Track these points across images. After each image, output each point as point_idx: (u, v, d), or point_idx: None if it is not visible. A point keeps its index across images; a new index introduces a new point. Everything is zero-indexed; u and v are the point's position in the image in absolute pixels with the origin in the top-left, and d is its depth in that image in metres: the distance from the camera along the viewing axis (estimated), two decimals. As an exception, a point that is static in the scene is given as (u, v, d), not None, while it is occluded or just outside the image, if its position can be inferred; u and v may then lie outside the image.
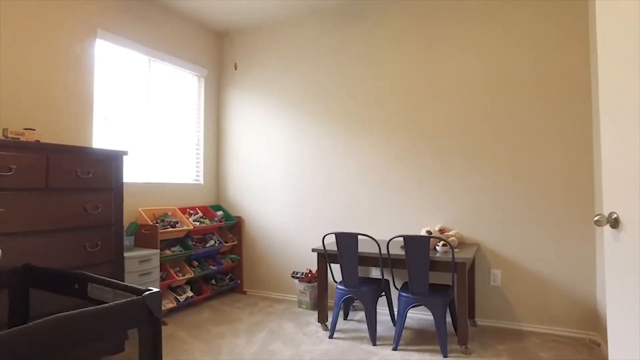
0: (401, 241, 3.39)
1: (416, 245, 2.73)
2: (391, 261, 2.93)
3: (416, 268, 2.75)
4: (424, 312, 3.54)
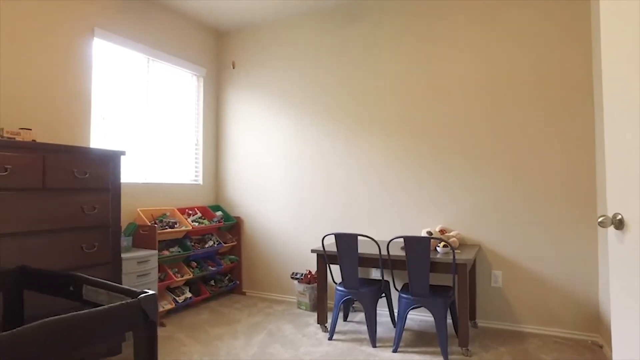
0: (401, 242, 3.37)
1: (417, 246, 2.70)
2: (391, 262, 2.91)
3: (416, 269, 2.72)
4: (425, 314, 3.52)
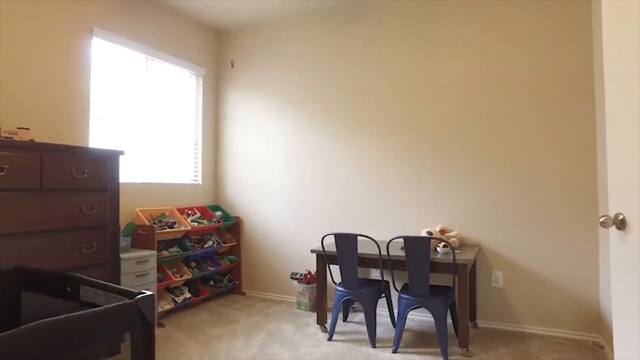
0: (401, 242, 3.35)
1: (417, 247, 2.69)
2: (391, 262, 2.89)
3: (416, 269, 2.71)
4: (425, 314, 3.50)
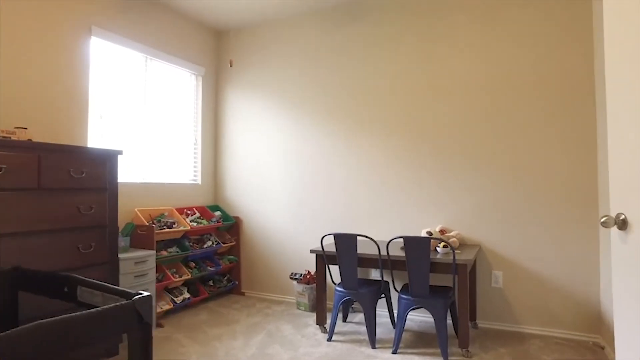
0: (401, 242, 3.34)
1: (416, 247, 2.68)
2: (391, 262, 2.88)
3: (416, 270, 2.70)
4: (424, 315, 3.49)
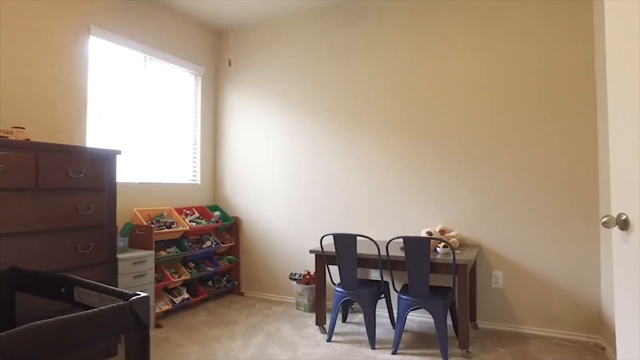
0: (401, 242, 3.33)
1: (416, 247, 2.66)
2: (391, 263, 2.87)
3: (416, 270, 2.69)
4: (424, 315, 3.48)
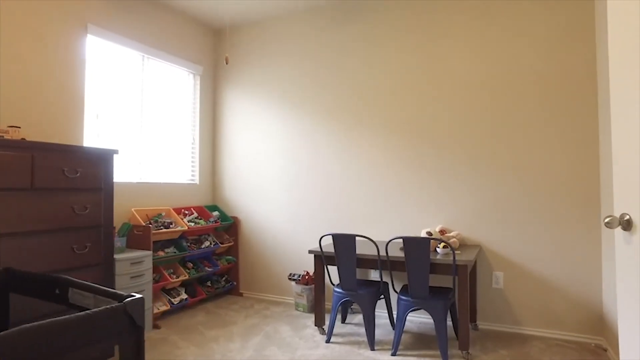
0: (400, 242, 3.30)
1: (416, 247, 2.64)
2: (390, 263, 2.84)
3: (416, 270, 2.66)
4: (424, 316, 3.45)
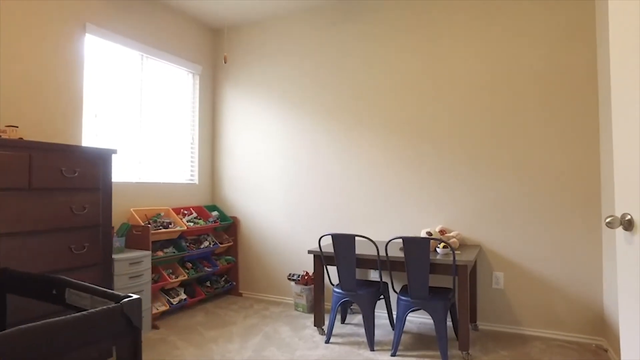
0: (400, 242, 3.29)
1: (416, 247, 2.63)
2: (390, 263, 2.83)
3: (416, 271, 2.65)
4: (424, 316, 3.44)
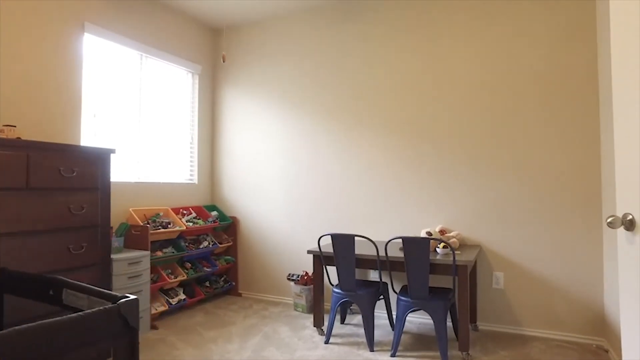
0: (400, 243, 3.28)
1: (416, 247, 2.62)
2: (390, 264, 2.82)
3: (416, 271, 2.64)
4: (424, 316, 3.43)
